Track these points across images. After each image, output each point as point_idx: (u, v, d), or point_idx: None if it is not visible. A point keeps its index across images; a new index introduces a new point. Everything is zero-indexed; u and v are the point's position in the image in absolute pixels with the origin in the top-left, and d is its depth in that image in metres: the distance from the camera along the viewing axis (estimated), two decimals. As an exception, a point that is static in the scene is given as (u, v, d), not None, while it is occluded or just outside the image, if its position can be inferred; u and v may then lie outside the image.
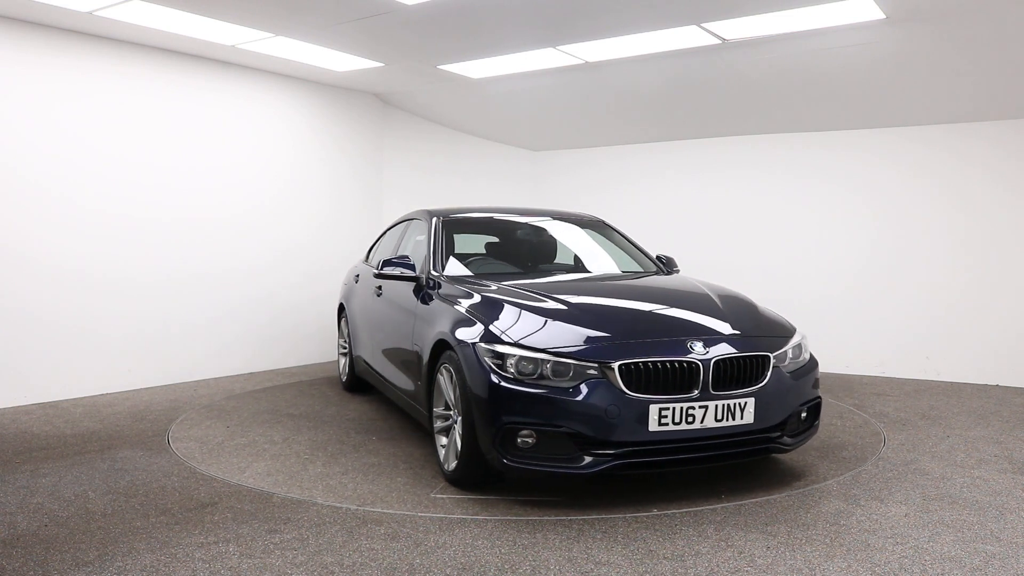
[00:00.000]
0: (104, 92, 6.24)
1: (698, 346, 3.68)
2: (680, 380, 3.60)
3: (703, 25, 5.55)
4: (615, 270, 5.29)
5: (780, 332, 4.13)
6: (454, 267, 4.96)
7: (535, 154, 9.63)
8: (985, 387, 6.77)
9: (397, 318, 4.99)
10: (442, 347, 4.06)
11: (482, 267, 5.15)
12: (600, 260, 5.47)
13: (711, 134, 8.23)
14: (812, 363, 4.20)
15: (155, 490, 3.89)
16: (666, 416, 3.53)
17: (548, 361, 3.56)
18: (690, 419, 3.57)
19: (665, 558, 3.09)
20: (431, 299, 4.51)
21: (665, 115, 7.95)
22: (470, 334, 3.84)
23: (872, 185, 7.45)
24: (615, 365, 3.53)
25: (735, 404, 3.65)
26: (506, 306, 4.02)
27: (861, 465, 4.39)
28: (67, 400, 6.00)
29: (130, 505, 3.67)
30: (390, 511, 3.61)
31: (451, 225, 5.35)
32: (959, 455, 4.62)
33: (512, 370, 3.59)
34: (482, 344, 3.72)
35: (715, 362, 3.64)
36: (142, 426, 5.22)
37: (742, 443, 3.75)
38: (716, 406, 3.61)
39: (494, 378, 3.59)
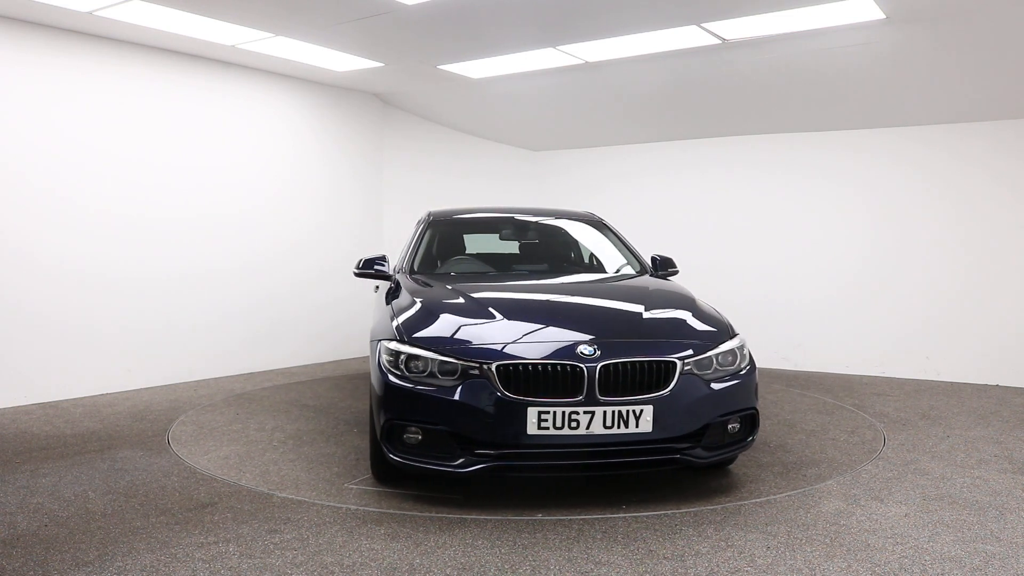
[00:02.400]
0: (104, 92, 6.24)
1: (587, 350, 3.53)
2: (563, 384, 3.47)
3: (703, 25, 5.55)
4: (587, 273, 5.20)
5: (707, 337, 3.85)
6: (422, 266, 5.05)
7: (535, 154, 9.63)
8: (985, 387, 6.77)
9: (375, 317, 5.02)
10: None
11: (456, 267, 5.20)
12: (578, 262, 5.44)
13: (711, 134, 8.23)
14: (748, 370, 3.88)
15: (155, 490, 3.89)
16: (546, 420, 3.42)
17: (436, 360, 3.58)
18: (574, 424, 3.43)
19: (665, 558, 3.09)
20: (391, 298, 4.53)
21: (665, 115, 7.95)
22: (380, 332, 3.96)
23: (872, 185, 7.45)
24: (493, 366, 3.48)
25: (628, 411, 3.46)
26: (418, 305, 4.07)
27: (861, 465, 4.39)
28: (67, 400, 6.00)
29: (130, 505, 3.67)
30: (303, 498, 3.66)
31: (438, 224, 5.42)
32: (959, 455, 4.62)
33: (403, 368, 3.64)
34: (383, 342, 3.81)
35: (602, 367, 3.48)
36: (142, 426, 5.22)
37: (638, 452, 3.55)
38: (605, 412, 3.44)
39: (385, 375, 3.67)
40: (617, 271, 5.18)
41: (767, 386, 6.85)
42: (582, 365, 3.47)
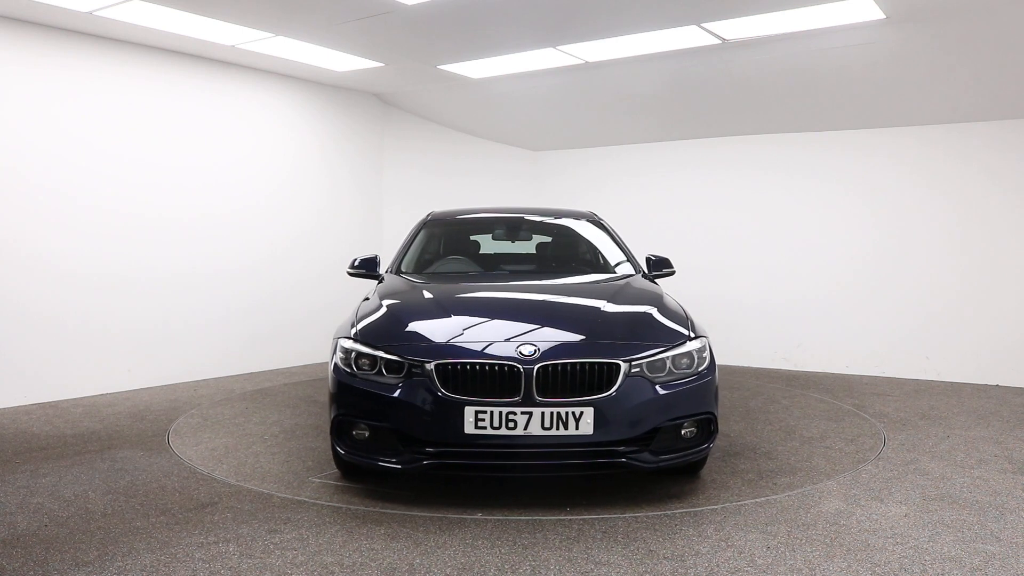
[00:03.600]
0: (104, 92, 6.25)
1: (527, 351, 3.52)
2: (501, 384, 3.47)
3: (703, 25, 5.55)
4: (573, 273, 5.15)
5: (663, 339, 3.76)
6: (410, 266, 5.10)
7: (535, 154, 9.63)
8: (985, 387, 6.77)
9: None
10: None
11: (444, 267, 5.24)
12: (567, 263, 5.42)
13: (711, 134, 8.23)
14: (706, 374, 3.77)
15: (155, 490, 3.89)
16: (483, 419, 3.43)
17: (383, 358, 3.64)
18: (511, 425, 3.42)
19: (665, 558, 3.09)
20: (365, 298, 4.57)
21: (665, 115, 7.95)
22: (340, 330, 4.01)
23: (872, 185, 7.45)
24: (432, 365, 3.51)
25: (567, 413, 3.43)
26: (379, 305, 4.11)
27: (861, 465, 4.39)
28: (67, 400, 6.00)
29: (130, 505, 3.67)
30: (264, 490, 3.73)
31: (432, 225, 5.48)
32: (959, 455, 4.62)
33: (353, 366, 3.71)
34: (339, 340, 3.89)
35: (540, 368, 3.46)
36: (142, 426, 5.22)
37: (578, 455, 3.53)
38: (543, 413, 3.43)
39: (337, 373, 3.75)
40: (606, 272, 5.09)
41: (767, 386, 6.86)
42: (519, 366, 3.47)
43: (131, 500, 3.74)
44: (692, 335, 3.87)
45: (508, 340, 3.62)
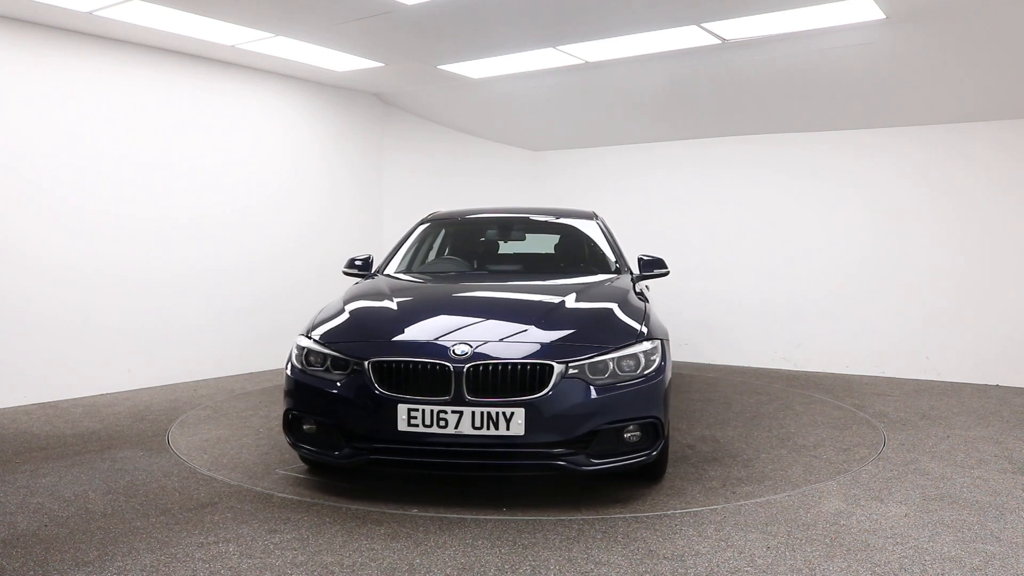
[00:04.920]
0: (104, 92, 6.25)
1: (461, 350, 3.54)
2: (433, 383, 3.51)
3: (703, 25, 5.55)
4: (558, 274, 5.12)
5: (609, 340, 3.71)
6: (399, 266, 5.19)
7: (535, 154, 9.63)
8: (985, 387, 6.77)
9: None
10: None
11: (432, 267, 5.31)
12: (555, 263, 5.43)
13: (711, 134, 8.23)
14: (654, 377, 3.68)
15: (155, 490, 3.89)
16: (415, 417, 3.48)
17: (330, 356, 3.75)
18: (442, 423, 3.46)
19: (665, 558, 3.09)
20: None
21: (665, 115, 7.95)
22: (303, 328, 4.13)
23: (872, 185, 7.45)
24: (368, 363, 3.60)
25: (498, 413, 3.44)
26: (340, 304, 4.24)
27: (861, 465, 4.39)
28: (67, 400, 6.00)
29: (130, 505, 3.67)
30: (231, 480, 3.80)
31: (427, 225, 5.56)
32: (959, 455, 4.62)
33: (304, 362, 3.85)
34: (297, 337, 4.02)
35: (471, 368, 3.48)
36: (142, 426, 5.22)
37: (510, 455, 3.52)
38: (473, 413, 3.45)
39: (290, 369, 3.91)
40: (594, 273, 5.02)
41: (767, 386, 6.86)
42: (450, 365, 3.50)
43: (131, 500, 3.74)
44: (643, 337, 3.80)
45: (446, 340, 3.66)
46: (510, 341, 3.66)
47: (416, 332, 3.79)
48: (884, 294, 7.39)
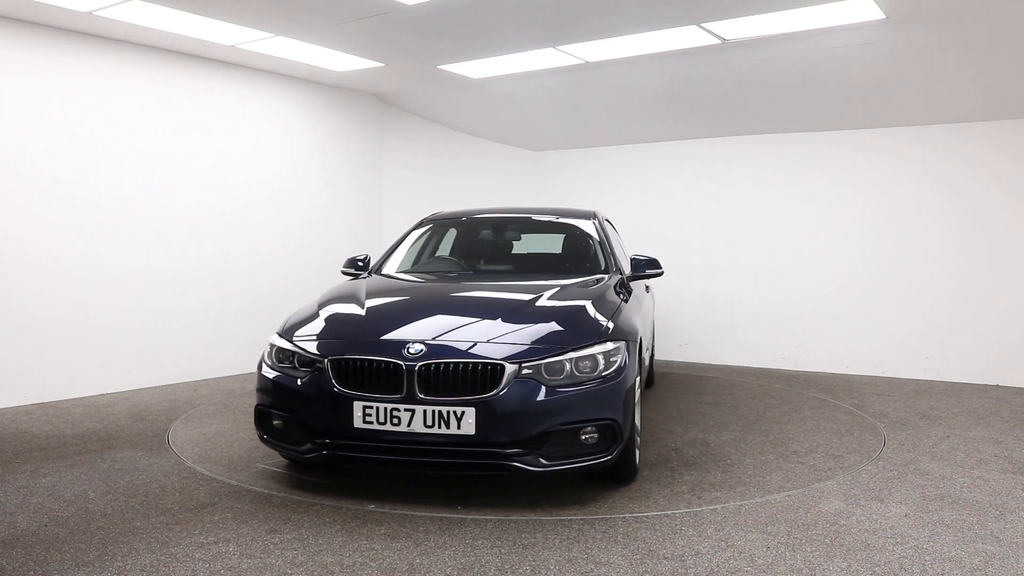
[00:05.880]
0: (104, 92, 6.25)
1: (414, 349, 3.58)
2: (387, 381, 3.56)
3: (703, 25, 5.55)
4: (545, 274, 5.06)
5: (567, 340, 3.68)
6: (390, 266, 5.25)
7: (535, 154, 9.63)
8: (985, 387, 6.77)
9: None
10: None
11: (424, 267, 5.35)
12: (545, 264, 5.42)
13: (711, 134, 8.23)
14: (613, 379, 3.64)
15: (155, 490, 3.89)
16: (370, 414, 3.54)
17: (295, 353, 3.84)
18: (395, 421, 3.51)
19: (665, 558, 3.09)
20: None
21: (665, 115, 7.95)
22: (278, 325, 4.23)
23: (872, 185, 7.45)
24: (327, 360, 3.68)
25: (449, 412, 3.47)
26: (315, 303, 4.34)
27: (861, 465, 4.39)
28: (67, 400, 6.00)
29: (130, 505, 3.67)
30: (210, 473, 3.89)
31: (424, 226, 5.60)
32: (959, 455, 4.62)
33: (274, 359, 3.95)
34: (272, 334, 4.14)
35: (423, 366, 3.52)
36: (142, 426, 5.22)
37: (462, 454, 3.53)
38: (425, 411, 3.49)
39: (261, 366, 4.01)
40: (585, 273, 4.96)
41: (767, 386, 6.86)
42: (403, 363, 3.54)
43: (131, 500, 3.74)
44: (605, 338, 3.75)
45: (403, 338, 3.68)
46: (466, 341, 3.67)
47: (376, 330, 3.86)
48: (884, 294, 7.39)
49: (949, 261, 7.09)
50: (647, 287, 5.84)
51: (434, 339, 3.65)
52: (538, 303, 4.11)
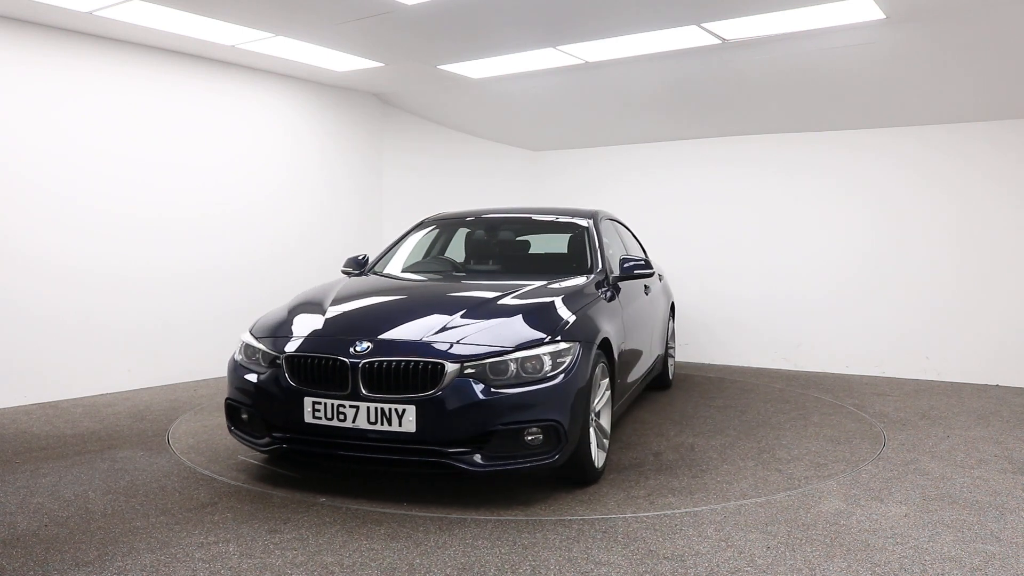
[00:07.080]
0: (104, 92, 6.24)
1: (361, 347, 3.65)
2: (334, 378, 3.65)
3: (703, 25, 5.55)
4: (530, 274, 4.92)
5: (513, 341, 3.66)
6: (384, 266, 5.33)
7: (535, 154, 9.63)
8: (985, 387, 6.77)
9: None
10: None
11: (416, 267, 5.41)
12: (534, 264, 5.43)
13: (711, 134, 8.23)
14: (558, 380, 3.60)
15: (155, 490, 3.89)
16: (319, 410, 3.64)
17: (259, 350, 3.96)
18: (341, 417, 3.60)
19: (665, 558, 3.09)
20: None
21: (665, 115, 7.95)
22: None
23: (872, 185, 7.45)
24: (283, 357, 3.80)
25: (391, 409, 3.52)
26: (290, 301, 4.45)
27: (861, 465, 4.39)
28: (67, 400, 6.00)
29: (130, 505, 3.67)
30: (193, 465, 3.93)
31: (421, 227, 5.65)
32: (959, 455, 4.62)
33: (243, 355, 4.08)
34: (244, 332, 4.26)
35: (366, 364, 3.59)
36: (142, 426, 5.22)
37: (404, 451, 3.56)
38: (368, 408, 3.55)
39: (232, 362, 4.12)
40: (571, 274, 4.86)
41: (767, 386, 6.86)
42: (348, 361, 3.62)
43: (131, 500, 3.74)
44: (555, 339, 3.71)
45: (353, 337, 3.76)
46: (413, 339, 3.70)
47: (331, 328, 3.93)
48: (884, 294, 7.39)
49: (949, 261, 7.09)
50: (647, 288, 5.80)
51: (384, 338, 3.72)
52: (500, 302, 4.10)
